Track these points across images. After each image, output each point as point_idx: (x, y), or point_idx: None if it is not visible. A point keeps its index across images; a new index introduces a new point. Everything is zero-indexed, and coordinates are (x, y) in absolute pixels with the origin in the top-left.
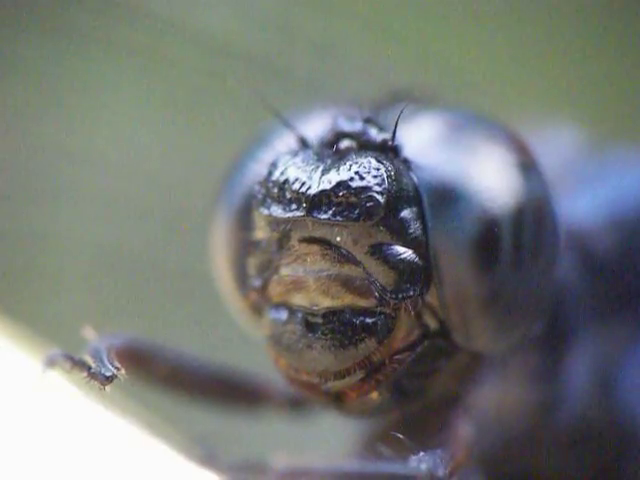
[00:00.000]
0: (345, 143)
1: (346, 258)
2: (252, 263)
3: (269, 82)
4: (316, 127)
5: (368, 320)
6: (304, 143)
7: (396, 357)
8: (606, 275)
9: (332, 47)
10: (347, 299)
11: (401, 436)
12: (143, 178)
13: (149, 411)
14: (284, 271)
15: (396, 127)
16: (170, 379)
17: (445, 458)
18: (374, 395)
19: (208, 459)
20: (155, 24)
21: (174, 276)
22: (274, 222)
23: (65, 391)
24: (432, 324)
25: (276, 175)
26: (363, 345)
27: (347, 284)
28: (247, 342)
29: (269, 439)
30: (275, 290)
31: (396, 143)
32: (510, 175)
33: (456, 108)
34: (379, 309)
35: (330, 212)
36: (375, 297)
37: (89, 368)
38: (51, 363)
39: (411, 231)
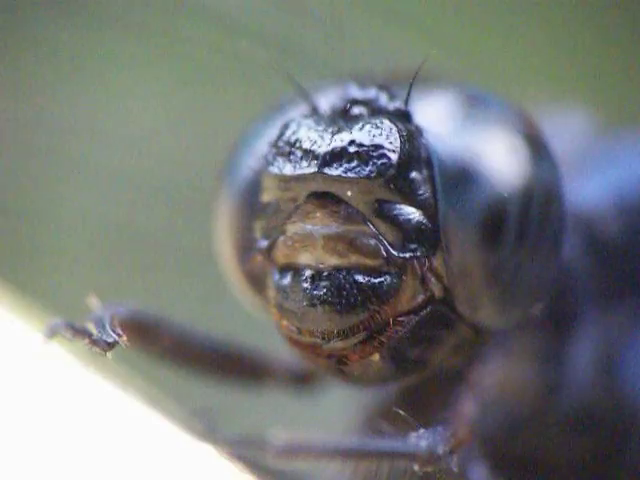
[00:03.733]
0: (357, 110)
1: (355, 216)
2: (258, 226)
3: (281, 59)
4: (328, 97)
5: (374, 280)
6: (316, 110)
7: (399, 319)
8: (612, 259)
9: (346, 25)
10: (354, 258)
11: (402, 412)
12: (152, 155)
13: (148, 383)
14: (291, 229)
15: (409, 93)
16: (173, 351)
17: (446, 436)
18: (375, 358)
19: (207, 432)
20: (169, 1)
21: (180, 253)
22: (283, 181)
23: (64, 362)
24: (437, 291)
25: (287, 134)
26: (367, 304)
27: (354, 242)
28: (251, 320)
29: (269, 414)
30: (281, 251)
31: (408, 110)
32: (522, 149)
33: (469, 83)
34: (385, 269)
35: (341, 168)
36: (382, 257)
37: (90, 335)
38: (52, 332)
39: (421, 192)
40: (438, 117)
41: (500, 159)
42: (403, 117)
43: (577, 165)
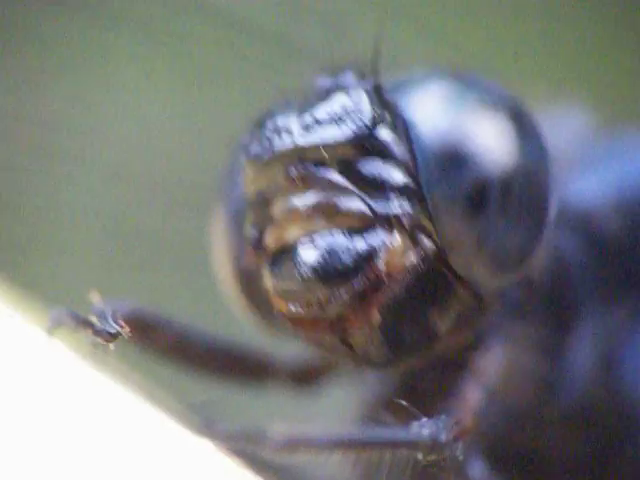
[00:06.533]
0: (329, 91)
1: (336, 181)
2: (248, 222)
3: (280, 57)
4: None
5: (362, 239)
6: (289, 100)
7: (394, 275)
8: (611, 256)
9: (344, 24)
10: (340, 221)
11: (404, 402)
12: (153, 151)
13: (146, 378)
14: (277, 211)
15: (377, 68)
16: (174, 349)
17: (449, 424)
18: (376, 320)
19: (205, 427)
20: None
21: (181, 250)
22: (262, 164)
23: (62, 356)
24: (429, 248)
25: (262, 121)
26: (359, 264)
27: (339, 206)
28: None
29: (268, 409)
30: (271, 236)
31: (379, 84)
32: (506, 128)
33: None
34: (373, 227)
35: (315, 136)
36: (367, 216)
37: (93, 326)
38: (56, 322)
39: (399, 152)
40: (414, 96)
41: (483, 137)
42: (375, 90)
43: (577, 162)
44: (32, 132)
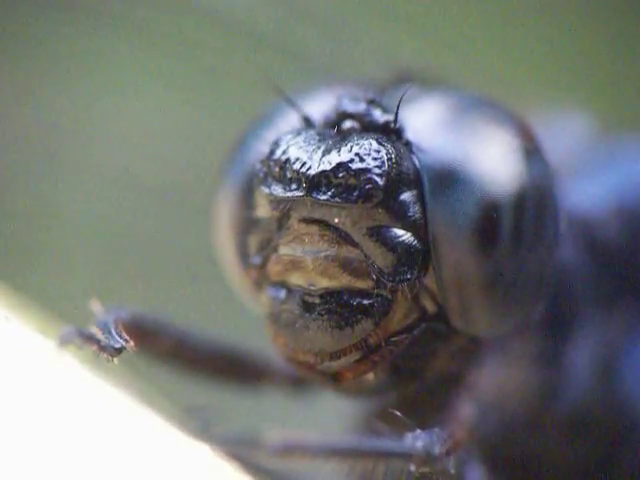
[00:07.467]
0: (348, 124)
1: (344, 239)
2: (253, 241)
3: (279, 61)
4: (320, 107)
5: (365, 302)
6: (307, 122)
7: (393, 339)
8: (610, 263)
9: (343, 27)
10: (345, 280)
11: (399, 414)
12: (153, 156)
13: (143, 382)
14: (283, 250)
15: (398, 109)
16: (173, 354)
17: (443, 437)
18: (370, 376)
19: (202, 431)
20: (168, 2)
21: (180, 255)
22: (274, 201)
23: (61, 362)
24: (430, 307)
25: (278, 154)
26: (359, 326)
27: (345, 265)
28: (250, 321)
29: (265, 414)
30: (274, 269)
31: (398, 125)
32: (512, 159)
33: (460, 91)
34: (376, 291)
35: (329, 193)
36: (372, 279)
37: (99, 341)
38: (64, 341)
39: (410, 214)
40: (428, 130)
41: (490, 172)
42: (393, 133)
43: (577, 169)
44: (31, 138)
